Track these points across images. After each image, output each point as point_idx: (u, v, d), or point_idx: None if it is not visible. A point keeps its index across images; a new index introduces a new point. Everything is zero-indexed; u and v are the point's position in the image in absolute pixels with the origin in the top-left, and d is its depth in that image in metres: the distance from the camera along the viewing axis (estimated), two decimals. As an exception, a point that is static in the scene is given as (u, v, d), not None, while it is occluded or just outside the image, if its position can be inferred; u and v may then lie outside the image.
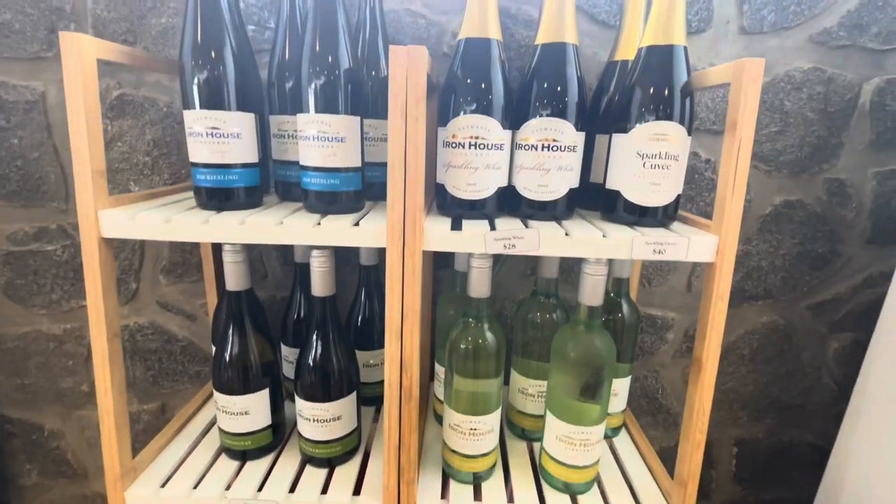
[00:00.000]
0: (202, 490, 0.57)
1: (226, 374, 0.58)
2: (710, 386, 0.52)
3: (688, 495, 0.55)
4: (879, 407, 0.72)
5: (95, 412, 0.90)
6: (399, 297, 0.51)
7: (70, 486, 0.96)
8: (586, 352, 0.54)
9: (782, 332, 0.83)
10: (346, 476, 0.60)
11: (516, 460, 0.64)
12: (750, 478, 0.94)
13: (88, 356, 0.87)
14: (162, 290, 0.82)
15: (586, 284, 0.53)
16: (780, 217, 0.77)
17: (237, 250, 0.57)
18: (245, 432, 0.60)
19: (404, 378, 0.52)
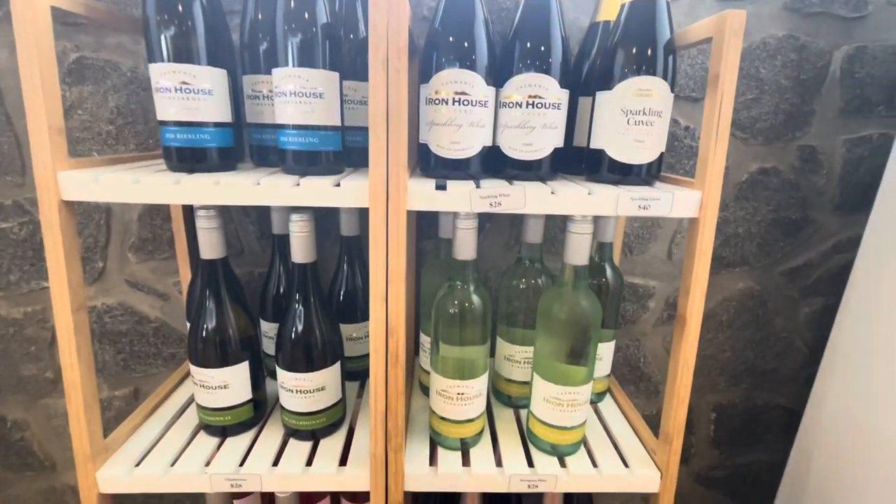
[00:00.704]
0: (180, 467, 0.55)
1: (203, 347, 0.56)
2: (693, 342, 0.52)
3: (673, 451, 0.56)
4: (848, 369, 0.75)
5: (62, 400, 0.86)
6: (383, 258, 0.49)
7: (37, 479, 0.92)
8: (572, 312, 0.54)
9: (758, 298, 0.85)
10: (331, 448, 0.59)
11: (504, 427, 0.64)
12: (727, 442, 0.96)
13: (52, 341, 0.82)
14: (131, 269, 0.79)
15: (571, 243, 0.53)
16: (756, 184, 0.78)
17: (211, 216, 0.54)
18: (225, 407, 0.58)
19: (390, 342, 0.51)
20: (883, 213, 0.70)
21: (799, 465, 0.84)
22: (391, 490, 0.55)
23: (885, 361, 0.69)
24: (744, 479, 1.00)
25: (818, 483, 0.80)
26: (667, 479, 0.57)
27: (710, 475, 1.00)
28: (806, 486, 0.82)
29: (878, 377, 0.70)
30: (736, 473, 1.00)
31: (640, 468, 0.58)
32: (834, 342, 0.77)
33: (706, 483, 1.00)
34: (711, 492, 1.01)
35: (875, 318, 0.70)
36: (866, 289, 0.72)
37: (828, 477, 0.78)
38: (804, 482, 0.83)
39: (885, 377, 0.69)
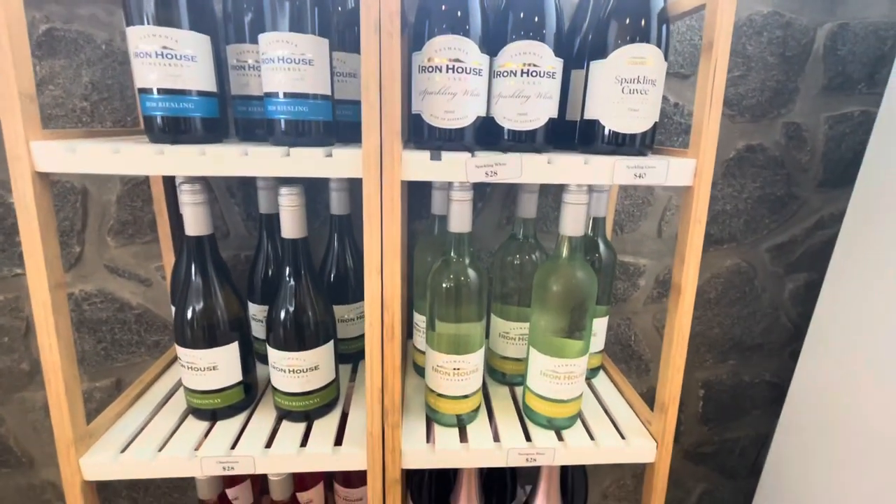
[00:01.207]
0: (168, 451, 0.53)
1: (190, 327, 0.54)
2: (688, 311, 0.53)
3: (668, 420, 0.56)
4: (832, 343, 0.76)
5: (39, 393, 0.83)
6: (378, 230, 0.48)
7: (14, 475, 0.88)
8: (569, 283, 0.54)
9: (745, 275, 0.87)
10: (325, 429, 0.58)
11: (499, 404, 0.64)
12: (715, 418, 0.98)
13: (27, 331, 0.79)
14: (111, 254, 0.75)
15: (567, 214, 0.52)
16: (743, 161, 0.79)
17: (196, 189, 0.52)
18: (214, 389, 0.56)
19: (386, 316, 0.50)
20: (864, 190, 0.71)
21: (785, 438, 0.86)
22: (388, 468, 0.54)
23: (868, 336, 0.71)
24: (731, 453, 1.02)
25: (803, 455, 0.82)
26: (663, 449, 0.57)
27: (699, 451, 1.02)
28: (791, 459, 0.84)
29: (861, 351, 0.72)
30: (723, 448, 1.02)
31: (637, 439, 0.58)
32: (818, 317, 0.79)
33: (695, 459, 1.02)
34: (700, 467, 1.03)
35: (858, 292, 0.72)
36: (849, 264, 0.74)
37: (812, 449, 0.80)
38: (790, 455, 0.85)
39: (867, 351, 0.71)
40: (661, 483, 0.58)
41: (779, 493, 0.87)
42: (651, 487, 0.59)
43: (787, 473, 0.85)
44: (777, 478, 0.88)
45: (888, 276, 0.68)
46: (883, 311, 0.69)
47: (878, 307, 0.69)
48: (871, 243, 0.70)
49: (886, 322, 0.68)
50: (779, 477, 0.87)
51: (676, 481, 1.04)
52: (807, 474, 0.81)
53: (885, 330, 0.68)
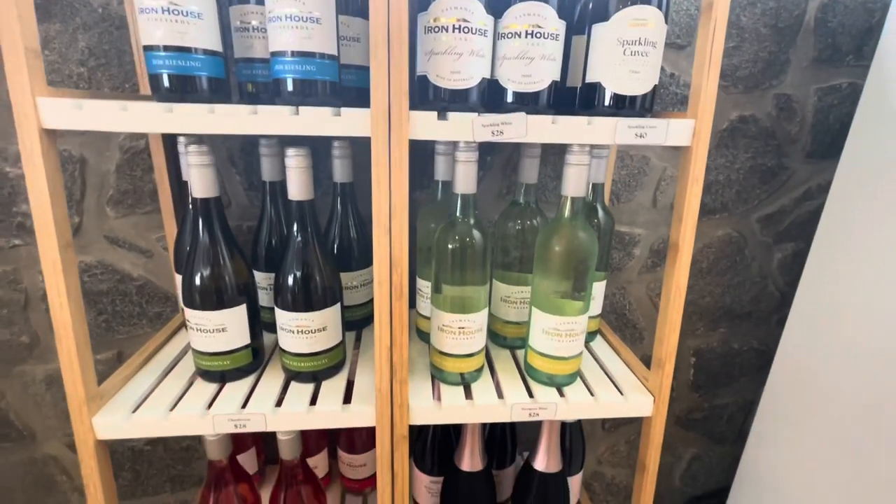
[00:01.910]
0: (180, 410, 0.54)
1: (199, 288, 0.54)
2: (685, 267, 0.55)
3: (665, 375, 0.58)
4: (817, 311, 0.79)
5: (39, 366, 0.83)
6: (386, 190, 0.49)
7: (16, 450, 0.88)
8: (571, 243, 0.55)
9: (736, 244, 0.90)
10: (333, 389, 0.59)
11: (502, 365, 0.66)
12: (705, 385, 1.02)
13: (26, 304, 0.78)
14: (110, 224, 0.75)
15: (570, 175, 0.54)
16: (736, 132, 0.81)
17: (203, 151, 0.52)
18: (223, 351, 0.57)
19: (394, 274, 0.51)
20: (850, 162, 0.74)
21: (769, 404, 0.89)
22: (396, 424, 0.56)
23: (852, 305, 0.73)
24: (719, 419, 1.06)
25: (787, 420, 0.85)
26: (659, 403, 0.60)
27: (690, 417, 1.05)
28: (775, 425, 0.88)
29: (844, 320, 0.75)
30: (713, 414, 1.06)
31: (634, 394, 0.60)
32: (804, 286, 0.82)
33: (685, 425, 1.06)
34: (690, 433, 1.07)
35: (842, 262, 0.75)
36: (834, 234, 0.76)
37: (795, 415, 0.83)
38: (775, 420, 0.88)
39: (851, 320, 0.73)
40: (658, 436, 0.61)
41: (763, 458, 0.91)
42: (648, 441, 0.61)
43: (771, 439, 0.89)
44: (761, 443, 0.91)
45: (871, 246, 0.71)
46: (866, 281, 0.71)
47: (862, 277, 0.72)
48: (856, 214, 0.73)
49: (869, 292, 0.71)
50: (763, 442, 0.91)
51: (668, 447, 1.08)
52: (790, 440, 0.85)
53: (868, 299, 0.71)
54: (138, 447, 0.90)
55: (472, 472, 0.66)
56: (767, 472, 0.90)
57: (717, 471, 1.12)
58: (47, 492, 0.92)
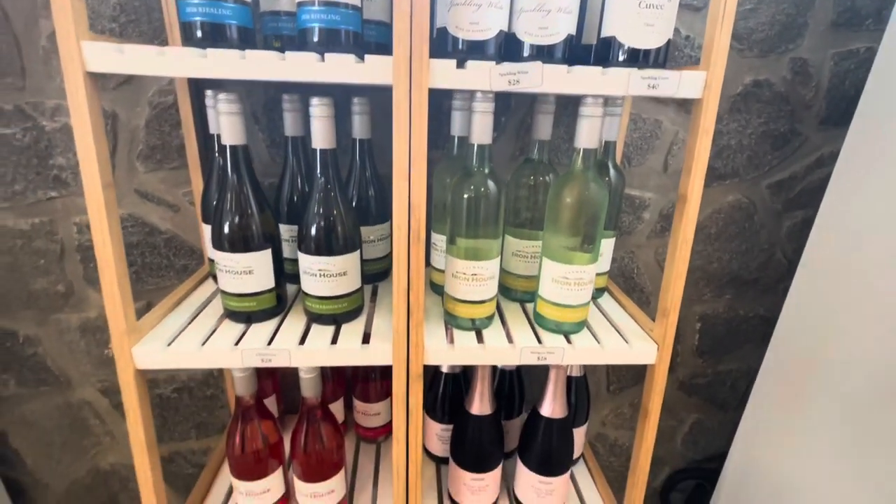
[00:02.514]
0: (211, 345, 0.58)
1: (228, 231, 0.58)
2: (693, 218, 0.57)
3: (669, 324, 0.61)
4: (819, 280, 0.79)
5: (74, 314, 0.88)
6: (406, 136, 0.51)
7: (53, 394, 0.94)
8: (582, 194, 0.57)
9: (745, 210, 0.91)
10: (352, 331, 0.63)
11: (512, 316, 0.69)
12: (710, 351, 1.04)
13: (62, 254, 0.83)
14: (140, 179, 0.79)
15: (583, 126, 0.56)
16: (749, 97, 0.82)
17: (232, 99, 0.55)
18: (249, 293, 0.61)
19: (413, 219, 0.54)
20: (860, 129, 0.73)
21: (770, 371, 0.90)
22: (412, 362, 0.60)
23: (856, 274, 0.72)
24: (722, 385, 1.09)
25: (786, 388, 0.86)
26: (663, 351, 0.62)
27: (693, 382, 1.08)
28: (776, 391, 0.89)
29: (849, 289, 0.74)
30: (716, 380, 1.08)
31: (639, 342, 0.63)
32: (808, 254, 0.82)
33: (688, 390, 1.09)
34: (693, 398, 1.10)
35: (847, 231, 0.74)
36: (840, 203, 0.76)
37: (797, 380, 0.85)
38: (774, 387, 0.89)
39: (855, 289, 0.73)
40: (660, 384, 0.64)
41: (761, 424, 0.92)
42: (651, 388, 0.64)
43: (771, 406, 0.90)
44: (760, 410, 0.93)
45: (878, 215, 0.70)
46: (871, 250, 0.71)
47: (868, 246, 0.71)
48: (863, 183, 0.72)
49: (873, 261, 0.70)
50: (761, 410, 0.92)
51: (670, 410, 1.11)
52: (788, 408, 0.86)
53: (873, 269, 0.70)
54: (166, 394, 0.96)
55: (481, 415, 0.70)
56: (764, 440, 0.92)
57: (718, 436, 1.15)
58: (82, 434, 0.98)
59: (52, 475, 1.02)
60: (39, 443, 0.99)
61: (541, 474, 0.71)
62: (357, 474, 0.83)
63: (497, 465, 0.73)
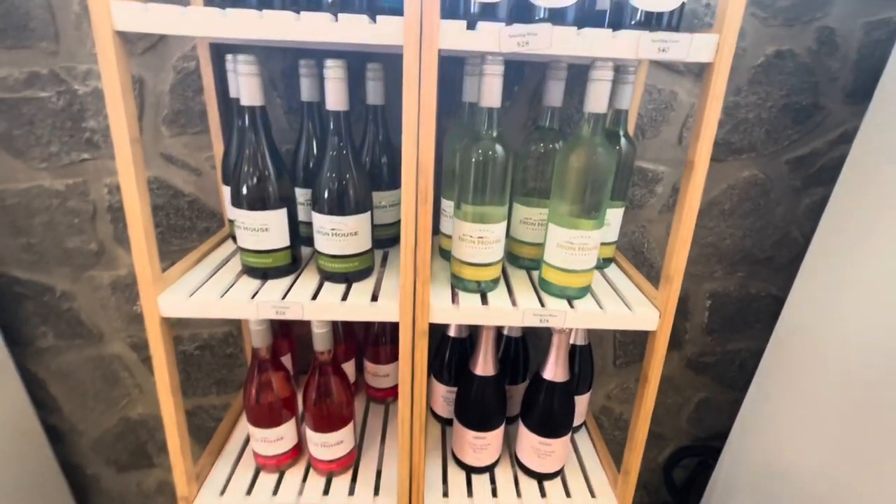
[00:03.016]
0: (229, 297, 0.62)
1: (246, 189, 0.61)
2: (699, 185, 0.57)
3: (672, 291, 0.62)
4: (834, 258, 0.76)
5: (105, 272, 0.93)
6: (415, 98, 0.53)
7: (86, 347, 1.01)
8: (589, 158, 0.58)
9: (761, 186, 0.89)
10: (363, 289, 0.65)
11: (518, 282, 0.70)
12: (719, 329, 1.04)
13: (94, 214, 0.88)
14: (165, 143, 0.82)
15: (592, 90, 0.56)
16: (771, 68, 0.80)
17: (251, 61, 0.57)
18: (266, 249, 0.64)
19: (420, 180, 0.56)
20: (881, 104, 0.70)
21: (776, 351, 0.89)
22: (418, 320, 0.62)
23: (870, 255, 0.70)
24: (731, 364, 1.08)
25: (791, 368, 0.84)
26: (665, 318, 0.63)
27: (701, 360, 1.08)
28: (778, 373, 0.87)
29: (860, 270, 0.71)
30: (724, 359, 1.08)
31: (641, 308, 0.64)
32: (820, 233, 0.79)
33: (696, 368, 1.09)
34: (700, 376, 1.11)
35: (862, 211, 0.71)
36: (859, 180, 0.72)
37: (798, 365, 0.82)
38: (780, 367, 0.87)
39: (867, 271, 0.70)
40: (661, 351, 0.65)
41: (763, 406, 0.90)
42: (652, 354, 0.65)
43: (773, 387, 0.88)
44: (762, 391, 0.91)
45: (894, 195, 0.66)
46: (885, 230, 0.67)
47: (883, 225, 0.68)
48: (881, 162, 0.68)
49: (887, 242, 0.67)
50: (765, 390, 0.90)
51: (677, 388, 1.12)
52: (790, 390, 0.84)
53: (887, 249, 0.67)
54: (189, 351, 1.01)
55: (484, 376, 0.73)
56: (765, 421, 0.91)
57: (724, 415, 1.15)
58: (112, 386, 1.05)
59: (86, 423, 1.10)
60: (75, 392, 1.06)
61: (541, 436, 0.73)
62: (366, 431, 0.87)
63: (499, 425, 0.75)
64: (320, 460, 0.74)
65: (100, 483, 1.18)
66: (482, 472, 0.78)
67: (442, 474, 0.79)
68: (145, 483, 1.19)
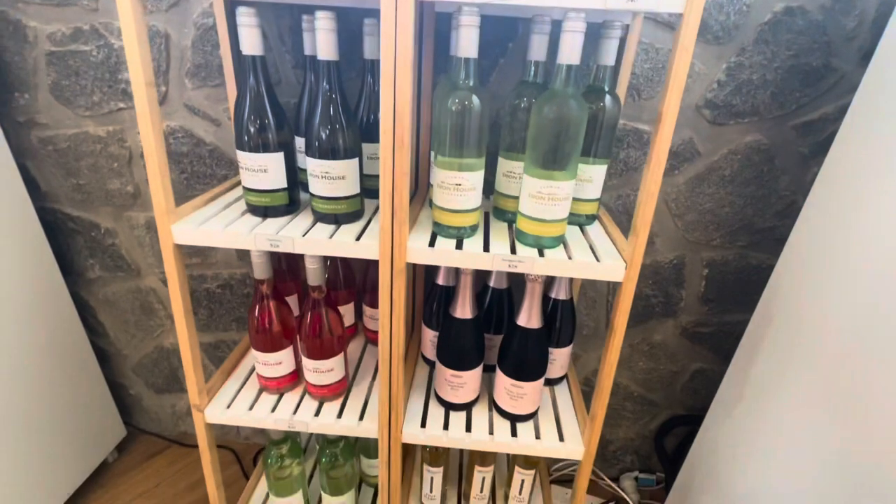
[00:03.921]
0: (231, 229, 0.70)
1: (246, 132, 0.67)
2: (667, 137, 0.58)
3: (639, 244, 0.64)
4: (823, 228, 0.73)
5: (142, 213, 1.04)
6: (392, 44, 0.57)
7: (127, 279, 1.14)
8: (560, 109, 0.60)
9: (765, 153, 0.87)
10: (349, 230, 0.71)
11: (497, 233, 0.74)
12: (716, 299, 1.04)
13: (131, 158, 0.98)
14: (188, 95, 0.91)
15: (564, 41, 0.58)
16: (779, 26, 0.77)
17: (251, 13, 0.62)
18: (265, 189, 0.71)
19: (397, 126, 0.60)
20: (882, 64, 0.63)
21: (758, 323, 0.86)
22: (396, 258, 0.68)
23: (858, 226, 0.67)
24: (728, 336, 1.08)
25: (774, 342, 0.82)
26: (631, 270, 0.65)
27: (696, 330, 1.08)
28: (761, 345, 0.85)
29: (849, 243, 0.68)
30: (721, 330, 1.08)
31: (608, 259, 0.66)
32: (812, 200, 0.75)
33: (691, 337, 1.10)
34: (696, 346, 1.11)
35: (854, 179, 0.67)
36: (852, 146, 0.68)
37: (785, 336, 0.79)
38: (762, 340, 0.85)
39: (855, 244, 0.67)
40: (626, 302, 0.67)
41: (745, 380, 0.89)
42: (618, 305, 0.68)
43: (756, 361, 0.87)
44: (745, 362, 0.89)
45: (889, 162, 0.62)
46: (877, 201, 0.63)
47: (872, 199, 0.64)
48: (880, 125, 0.63)
49: (878, 213, 0.63)
50: (746, 363, 0.89)
51: (672, 356, 1.13)
52: (774, 362, 0.81)
53: (876, 220, 0.63)
54: (212, 289, 1.13)
55: (462, 318, 0.78)
56: (746, 397, 0.89)
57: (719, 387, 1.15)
58: (148, 316, 1.19)
59: (128, 347, 1.25)
60: (118, 320, 1.21)
61: (513, 378, 0.78)
62: (360, 368, 0.95)
63: (475, 366, 0.81)
64: (314, 385, 0.83)
65: (141, 402, 1.35)
66: (460, 409, 0.85)
67: (423, 408, 0.86)
68: (178, 406, 1.34)
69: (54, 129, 0.96)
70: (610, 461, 1.31)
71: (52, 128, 0.96)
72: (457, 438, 0.80)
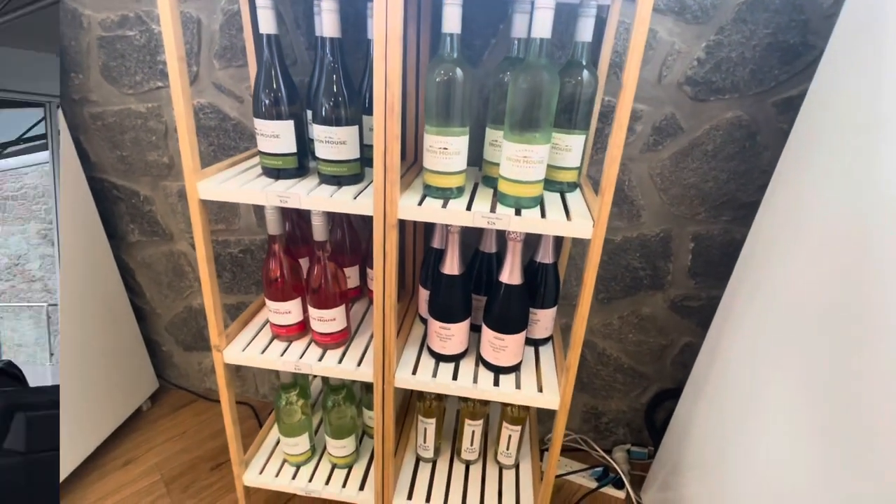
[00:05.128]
0: (247, 187, 0.80)
1: (262, 101, 0.77)
2: (628, 104, 0.64)
3: (605, 202, 0.70)
4: (791, 200, 0.74)
5: (176, 182, 1.17)
6: (383, 17, 0.65)
7: (161, 243, 1.27)
8: (533, 78, 0.67)
9: (746, 129, 0.91)
10: (349, 191, 0.80)
11: (483, 196, 0.81)
12: (703, 273, 1.08)
13: (166, 132, 1.11)
14: (216, 74, 1.02)
15: (537, 17, 0.65)
16: (756, 4, 0.81)
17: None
18: (277, 153, 0.81)
19: (389, 94, 0.69)
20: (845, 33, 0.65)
21: (731, 299, 0.89)
22: (388, 215, 0.76)
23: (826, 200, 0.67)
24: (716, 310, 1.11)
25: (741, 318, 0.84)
26: (598, 227, 0.72)
27: (685, 304, 1.12)
28: (731, 321, 0.88)
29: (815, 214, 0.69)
30: (709, 305, 1.11)
31: (580, 219, 0.73)
32: (780, 172, 0.77)
33: (680, 312, 1.14)
34: (685, 320, 1.15)
35: (821, 153, 0.68)
36: (820, 117, 0.71)
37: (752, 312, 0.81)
38: (731, 316, 0.88)
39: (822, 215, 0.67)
40: (595, 257, 0.73)
41: (717, 353, 0.92)
42: (588, 261, 0.74)
43: (731, 331, 0.88)
44: (720, 333, 0.91)
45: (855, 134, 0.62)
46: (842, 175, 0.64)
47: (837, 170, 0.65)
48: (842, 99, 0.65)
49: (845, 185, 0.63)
50: (722, 333, 0.91)
51: (661, 329, 1.17)
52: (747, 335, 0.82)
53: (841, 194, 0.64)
54: (235, 254, 1.25)
55: (450, 274, 0.86)
56: (718, 371, 0.91)
57: (709, 362, 1.19)
58: (180, 278, 1.32)
59: (162, 307, 1.39)
60: (154, 281, 1.35)
61: (495, 331, 0.86)
62: (362, 324, 1.05)
63: (462, 319, 0.89)
64: (318, 333, 0.93)
65: (172, 358, 1.49)
66: (449, 360, 0.93)
67: (416, 359, 0.94)
68: (204, 363, 1.48)
69: (103, 106, 1.10)
70: (603, 433, 1.36)
71: (101, 104, 1.09)
72: (443, 384, 0.88)
